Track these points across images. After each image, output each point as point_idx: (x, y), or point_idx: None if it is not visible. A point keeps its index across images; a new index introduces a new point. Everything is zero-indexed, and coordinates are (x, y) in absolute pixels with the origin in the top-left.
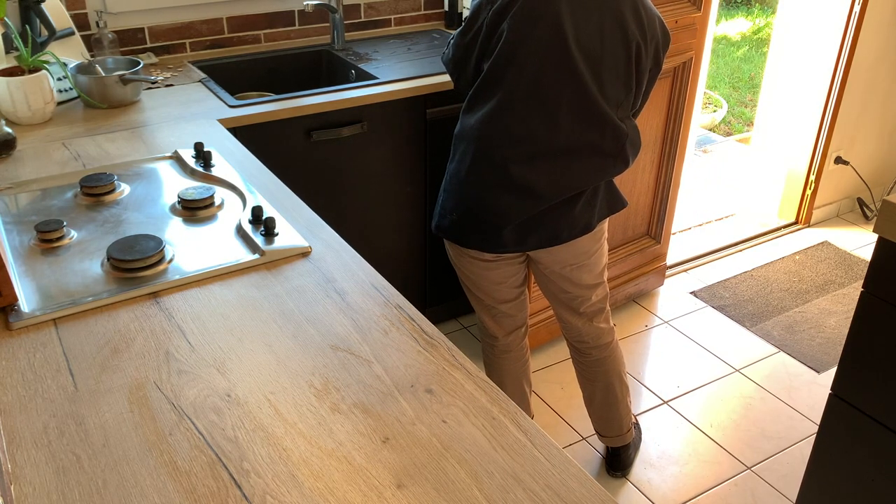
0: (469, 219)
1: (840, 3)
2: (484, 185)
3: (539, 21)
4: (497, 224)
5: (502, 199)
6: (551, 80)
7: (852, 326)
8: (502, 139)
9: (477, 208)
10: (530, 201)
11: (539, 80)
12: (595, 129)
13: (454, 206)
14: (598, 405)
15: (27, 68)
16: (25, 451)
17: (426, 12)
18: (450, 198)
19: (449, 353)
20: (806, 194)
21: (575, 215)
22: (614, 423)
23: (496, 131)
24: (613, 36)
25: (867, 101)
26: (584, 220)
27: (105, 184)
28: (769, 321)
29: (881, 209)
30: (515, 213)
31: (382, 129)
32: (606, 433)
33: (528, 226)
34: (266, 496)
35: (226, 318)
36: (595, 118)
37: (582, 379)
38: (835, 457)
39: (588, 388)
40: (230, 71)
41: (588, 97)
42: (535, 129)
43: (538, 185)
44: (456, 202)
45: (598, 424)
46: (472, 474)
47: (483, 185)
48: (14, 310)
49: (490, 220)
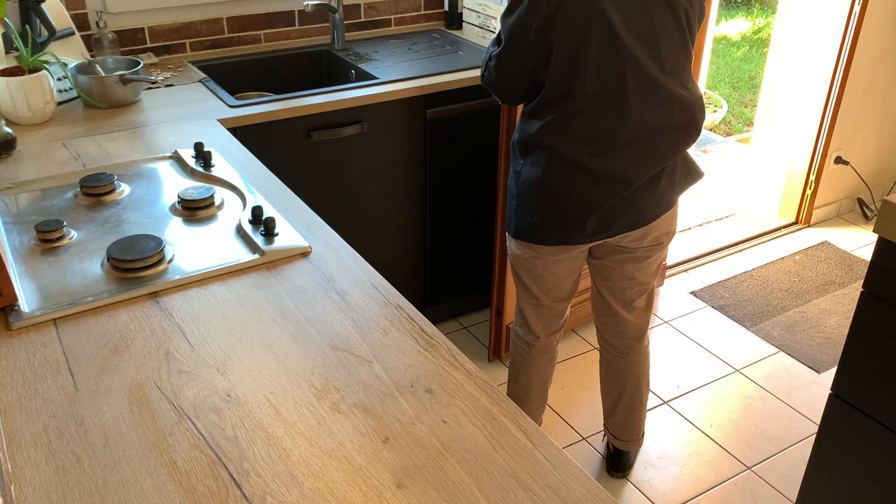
0: (551, 217)
1: (840, 3)
2: (565, 182)
3: (586, 27)
4: (582, 216)
5: (585, 192)
6: (612, 77)
7: (852, 326)
8: (576, 142)
9: (560, 206)
10: (613, 188)
11: (601, 80)
12: (664, 107)
13: (533, 207)
14: (622, 408)
15: (27, 68)
16: (25, 451)
17: (426, 12)
18: (527, 201)
19: (449, 353)
20: (806, 194)
21: (658, 193)
22: (634, 427)
23: (568, 136)
24: (660, 9)
25: (867, 101)
26: (667, 197)
27: (105, 184)
28: (769, 321)
29: (881, 209)
30: (599, 202)
31: (382, 129)
32: (623, 437)
33: (612, 212)
34: (266, 496)
35: (226, 318)
36: (662, 98)
37: (610, 381)
38: (835, 457)
39: (615, 390)
40: (230, 71)
41: (651, 80)
42: (607, 125)
43: (619, 173)
44: (535, 203)
45: (616, 428)
46: (472, 474)
47: (564, 182)
48: (14, 310)
49: (574, 214)
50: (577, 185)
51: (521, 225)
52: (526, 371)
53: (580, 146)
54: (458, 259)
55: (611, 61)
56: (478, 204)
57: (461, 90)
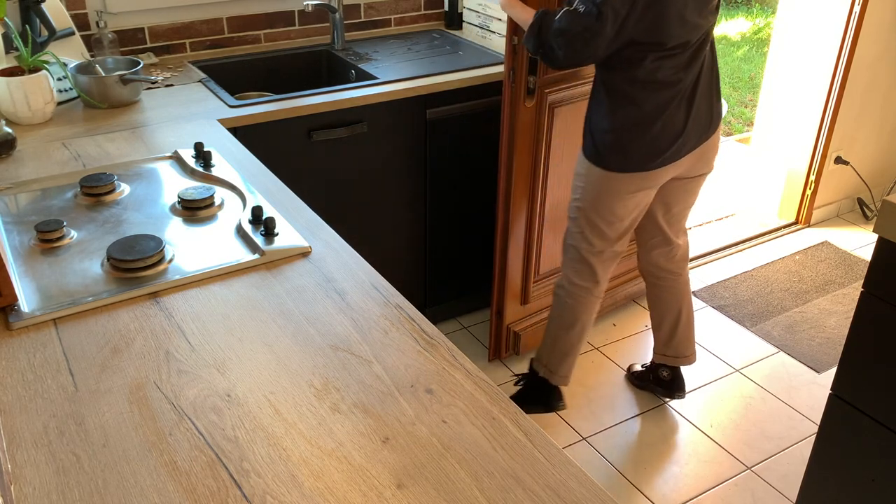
0: (654, 145)
1: (840, 3)
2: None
3: None
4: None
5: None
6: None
7: (852, 326)
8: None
9: (664, 131)
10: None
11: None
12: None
13: (635, 138)
14: (683, 325)
15: (27, 68)
16: (25, 451)
17: (426, 12)
18: (630, 135)
19: (449, 353)
20: (806, 194)
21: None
22: (692, 341)
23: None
24: None
25: (867, 101)
26: (713, 124)
27: (105, 184)
28: (769, 321)
29: (881, 209)
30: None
31: (382, 129)
32: (684, 352)
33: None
34: (266, 496)
35: (226, 318)
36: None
37: (668, 306)
38: (835, 457)
39: (674, 311)
40: (230, 71)
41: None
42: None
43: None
44: (638, 135)
45: (677, 348)
46: (472, 474)
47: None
48: (14, 310)
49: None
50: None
51: (625, 159)
52: (583, 316)
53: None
54: (458, 259)
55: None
56: (478, 204)
57: (461, 90)
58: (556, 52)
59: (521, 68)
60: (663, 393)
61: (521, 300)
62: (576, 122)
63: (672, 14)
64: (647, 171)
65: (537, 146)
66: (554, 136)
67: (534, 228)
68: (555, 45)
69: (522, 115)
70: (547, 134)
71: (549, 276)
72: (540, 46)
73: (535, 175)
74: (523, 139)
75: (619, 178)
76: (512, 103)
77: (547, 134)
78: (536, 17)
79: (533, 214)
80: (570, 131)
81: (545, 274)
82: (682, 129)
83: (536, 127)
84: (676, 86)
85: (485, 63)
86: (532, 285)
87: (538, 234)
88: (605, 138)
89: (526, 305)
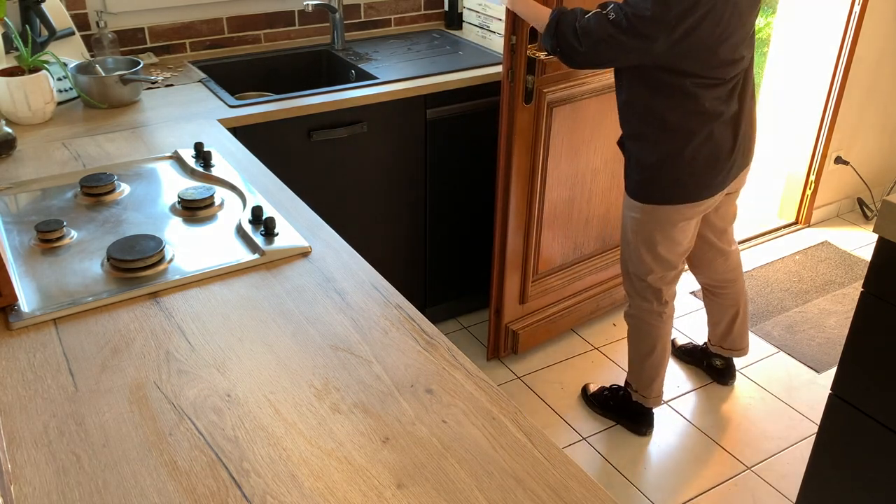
0: (705, 174)
1: (840, 3)
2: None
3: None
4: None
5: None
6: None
7: (852, 326)
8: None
9: (710, 160)
10: (745, 129)
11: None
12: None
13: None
14: (740, 322)
15: (27, 68)
16: (25, 451)
17: (426, 12)
18: (681, 167)
19: (449, 353)
20: (806, 194)
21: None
22: (747, 334)
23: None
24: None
25: (867, 101)
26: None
27: (105, 184)
28: (769, 321)
29: (881, 209)
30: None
31: (382, 129)
32: (740, 346)
33: (740, 152)
34: (266, 496)
35: (226, 318)
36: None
37: (725, 307)
38: (835, 457)
39: (731, 311)
40: (230, 71)
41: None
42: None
43: (744, 116)
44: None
45: (734, 342)
46: (472, 474)
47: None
48: (14, 310)
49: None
50: (719, 140)
51: (674, 191)
52: (661, 338)
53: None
54: (458, 259)
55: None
56: (477, 204)
57: (461, 90)
58: (578, 50)
59: (520, 68)
60: (715, 379)
61: (519, 299)
62: (574, 122)
63: (711, 44)
64: (703, 199)
65: (536, 146)
66: (553, 135)
67: (532, 227)
68: (578, 43)
69: (521, 115)
70: (545, 134)
71: (547, 275)
72: (559, 45)
73: (534, 175)
74: (522, 139)
75: (674, 209)
76: (510, 103)
77: (545, 134)
78: (553, 17)
79: (531, 214)
80: (569, 131)
81: (543, 273)
82: (729, 156)
83: (535, 127)
84: (723, 115)
85: (485, 63)
86: (530, 285)
87: (537, 234)
88: (655, 173)
89: (524, 305)
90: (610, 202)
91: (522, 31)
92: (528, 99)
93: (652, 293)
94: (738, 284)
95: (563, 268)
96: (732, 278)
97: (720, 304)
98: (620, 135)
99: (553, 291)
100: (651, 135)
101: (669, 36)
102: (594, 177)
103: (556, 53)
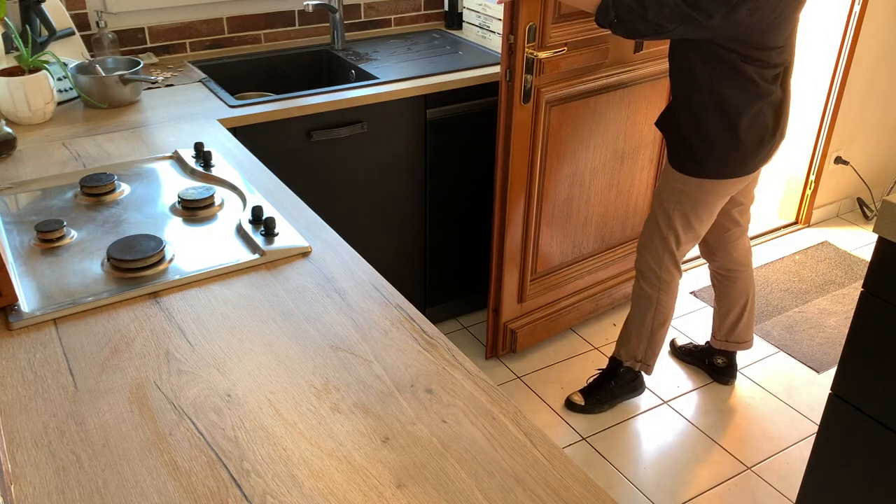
0: (749, 151)
1: (840, 3)
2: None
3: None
4: (772, 140)
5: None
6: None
7: (852, 326)
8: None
9: (757, 138)
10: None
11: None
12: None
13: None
14: (748, 313)
15: (27, 68)
16: (25, 451)
17: (426, 12)
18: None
19: (449, 353)
20: (806, 194)
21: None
22: (752, 326)
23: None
24: None
25: (867, 101)
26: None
27: (105, 184)
28: (769, 321)
29: (881, 209)
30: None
31: (382, 129)
32: (746, 338)
33: (781, 132)
34: (266, 496)
35: (226, 318)
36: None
37: (738, 295)
38: (835, 457)
39: (742, 300)
40: (230, 71)
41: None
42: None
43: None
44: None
45: (740, 334)
46: (472, 474)
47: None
48: (14, 310)
49: (767, 139)
50: (767, 116)
51: (724, 167)
52: (671, 309)
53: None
54: (458, 259)
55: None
56: (478, 204)
57: (461, 90)
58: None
59: (518, 68)
60: (716, 378)
61: (518, 298)
62: (573, 122)
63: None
64: (746, 174)
65: (534, 145)
66: (550, 135)
67: (531, 227)
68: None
69: (519, 115)
70: (543, 133)
71: (545, 274)
72: (618, 15)
73: (532, 174)
74: (520, 138)
75: (721, 184)
76: (508, 103)
77: (543, 133)
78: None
79: (530, 213)
80: (568, 131)
81: (542, 272)
82: (773, 135)
83: (533, 126)
84: (772, 96)
85: (485, 63)
86: (529, 284)
87: (535, 233)
88: (708, 147)
89: (523, 304)
90: (609, 202)
91: (521, 31)
92: (525, 98)
93: (673, 264)
94: (751, 269)
95: (562, 267)
96: (746, 262)
97: (735, 289)
98: (660, 114)
99: (552, 290)
100: (708, 110)
101: (729, 15)
102: (593, 176)
103: (613, 24)
